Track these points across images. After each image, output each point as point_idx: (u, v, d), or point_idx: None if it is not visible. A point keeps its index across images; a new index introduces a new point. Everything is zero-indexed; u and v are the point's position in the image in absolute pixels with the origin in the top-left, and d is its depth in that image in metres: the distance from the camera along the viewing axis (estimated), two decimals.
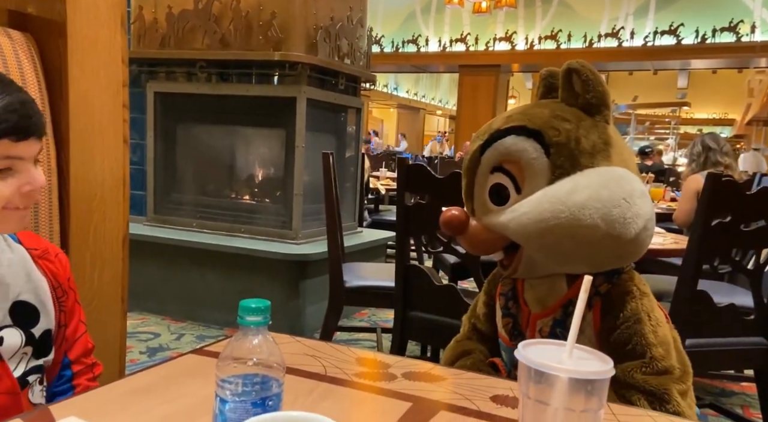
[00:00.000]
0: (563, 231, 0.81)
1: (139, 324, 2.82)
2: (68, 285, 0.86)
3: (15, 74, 0.97)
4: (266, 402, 0.54)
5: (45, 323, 0.81)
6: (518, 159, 0.85)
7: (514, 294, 0.96)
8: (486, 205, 0.89)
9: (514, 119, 0.88)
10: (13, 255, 0.81)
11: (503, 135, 0.87)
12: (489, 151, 0.88)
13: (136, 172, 3.19)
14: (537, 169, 0.84)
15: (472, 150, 0.92)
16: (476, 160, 0.90)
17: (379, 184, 5.42)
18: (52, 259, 0.86)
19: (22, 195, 0.72)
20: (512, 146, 0.85)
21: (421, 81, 16.34)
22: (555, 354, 0.48)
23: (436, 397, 0.73)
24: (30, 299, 0.80)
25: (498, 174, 0.87)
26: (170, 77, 3.16)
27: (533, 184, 0.84)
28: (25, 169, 0.72)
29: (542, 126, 0.85)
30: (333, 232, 2.13)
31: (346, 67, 3.15)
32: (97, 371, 0.89)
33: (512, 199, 0.86)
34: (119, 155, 1.17)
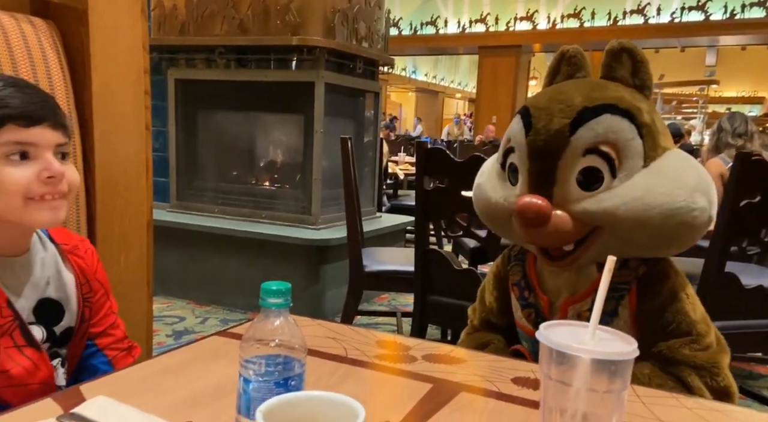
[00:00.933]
0: (675, 216, 0.78)
1: (165, 308, 2.88)
2: (96, 280, 0.88)
3: (39, 62, 0.99)
4: (289, 382, 0.55)
5: (68, 320, 0.83)
6: (616, 140, 0.79)
7: (528, 283, 0.94)
8: (573, 191, 0.81)
9: (597, 96, 0.82)
10: (46, 254, 0.82)
11: (595, 114, 0.80)
12: (583, 131, 0.80)
13: (159, 159, 3.23)
14: (633, 150, 0.79)
15: (550, 129, 0.82)
16: (563, 141, 0.81)
17: (398, 168, 5.41)
18: (81, 255, 0.87)
19: (41, 182, 0.73)
20: (611, 125, 0.79)
21: (440, 63, 16.16)
22: (577, 335, 0.48)
23: (457, 379, 0.74)
24: (56, 296, 0.82)
25: (592, 156, 0.80)
26: (190, 64, 3.18)
27: (630, 166, 0.80)
28: (41, 156, 0.73)
29: (629, 105, 0.81)
30: (352, 217, 2.14)
31: (364, 50, 3.13)
32: (135, 354, 0.91)
33: (605, 183, 0.80)
34: (142, 142, 1.18)
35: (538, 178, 0.84)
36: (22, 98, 0.73)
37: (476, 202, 0.98)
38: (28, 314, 0.78)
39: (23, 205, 0.72)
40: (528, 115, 0.86)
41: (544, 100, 0.87)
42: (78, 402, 0.61)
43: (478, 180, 0.98)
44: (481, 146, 6.09)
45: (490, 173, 0.96)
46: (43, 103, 0.75)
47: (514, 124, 0.89)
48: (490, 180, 0.95)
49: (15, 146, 0.72)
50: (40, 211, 0.74)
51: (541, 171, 0.83)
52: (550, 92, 0.89)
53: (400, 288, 2.29)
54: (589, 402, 0.45)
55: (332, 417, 0.44)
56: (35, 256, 0.81)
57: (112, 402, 0.61)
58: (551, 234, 0.82)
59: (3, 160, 0.71)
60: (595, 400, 0.45)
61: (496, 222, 0.96)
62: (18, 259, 0.79)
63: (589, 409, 0.46)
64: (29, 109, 0.72)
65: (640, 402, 0.69)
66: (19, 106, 0.72)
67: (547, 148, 0.82)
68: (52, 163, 0.74)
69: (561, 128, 0.81)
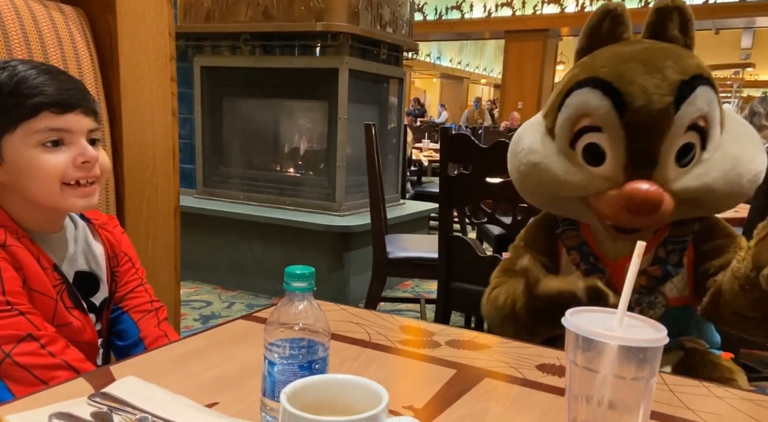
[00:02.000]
0: (757, 179, 0.80)
1: (193, 293, 2.94)
2: (121, 252, 0.91)
3: (68, 48, 1.00)
4: (313, 366, 0.56)
5: (103, 291, 0.86)
6: (708, 113, 0.78)
7: (590, 248, 0.91)
8: (672, 169, 0.79)
9: (685, 68, 0.78)
10: (77, 232, 0.86)
11: (692, 87, 0.77)
12: (686, 107, 0.76)
13: (185, 145, 3.27)
14: (716, 120, 0.80)
15: (652, 108, 0.77)
16: (668, 120, 0.77)
17: (422, 155, 5.38)
18: (110, 230, 0.90)
19: (76, 167, 0.75)
20: (706, 99, 0.78)
21: (465, 49, 15.95)
22: (604, 321, 0.47)
23: (481, 365, 0.74)
24: (89, 268, 0.86)
25: (691, 133, 0.78)
26: (216, 51, 3.20)
27: (715, 136, 0.80)
28: (75, 142, 0.75)
29: (708, 73, 0.80)
30: (376, 204, 2.14)
31: (388, 36, 3.10)
32: (162, 314, 0.93)
33: (696, 157, 0.79)
34: (168, 128, 1.20)
35: (638, 159, 0.79)
36: (56, 85, 0.74)
37: (532, 181, 0.90)
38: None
39: (60, 190, 0.75)
40: (615, 91, 0.79)
41: (626, 71, 0.79)
42: (108, 381, 0.63)
43: (531, 158, 0.89)
44: (507, 132, 6.01)
45: (549, 151, 0.87)
46: (76, 89, 0.77)
47: (591, 101, 0.80)
48: (554, 160, 0.86)
49: (50, 133, 0.74)
50: (75, 197, 0.76)
51: (643, 152, 0.78)
52: (626, 61, 0.81)
53: (423, 274, 2.29)
54: (616, 389, 0.44)
55: (356, 400, 0.44)
56: (68, 233, 0.84)
57: (141, 383, 0.62)
58: (656, 219, 0.80)
59: (38, 147, 0.74)
60: (622, 387, 0.44)
61: (556, 201, 0.90)
62: (53, 236, 0.82)
63: (615, 396, 0.45)
64: (63, 96, 0.74)
65: (668, 390, 0.67)
66: (54, 93, 0.73)
67: (650, 129, 0.77)
68: (86, 149, 0.76)
69: (665, 106, 0.76)
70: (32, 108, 0.72)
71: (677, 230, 0.89)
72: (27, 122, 0.73)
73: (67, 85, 0.76)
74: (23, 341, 0.71)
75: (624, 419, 0.46)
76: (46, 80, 0.74)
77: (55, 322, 0.75)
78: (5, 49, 0.92)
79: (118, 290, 0.90)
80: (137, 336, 0.89)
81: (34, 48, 0.95)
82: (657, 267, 0.89)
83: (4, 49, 0.91)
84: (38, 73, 0.75)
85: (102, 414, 0.55)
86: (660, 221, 0.83)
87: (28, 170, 0.74)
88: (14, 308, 0.71)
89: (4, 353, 0.70)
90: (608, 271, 0.91)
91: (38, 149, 0.73)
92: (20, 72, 0.74)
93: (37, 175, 0.74)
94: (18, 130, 0.73)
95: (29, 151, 0.73)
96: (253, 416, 0.57)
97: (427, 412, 0.61)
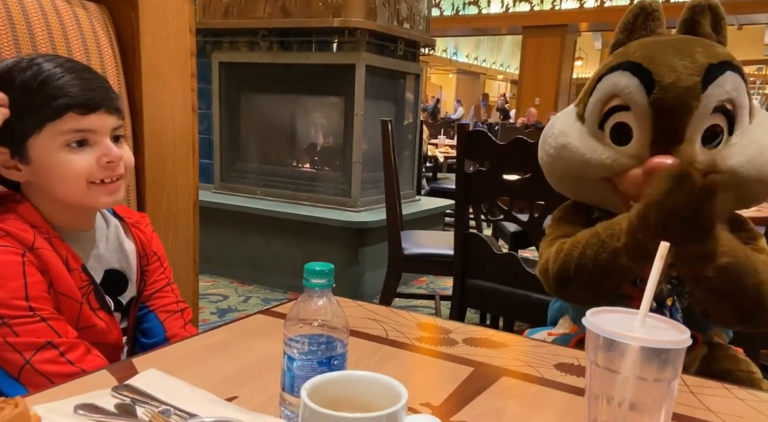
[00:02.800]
0: None
1: (210, 286, 2.97)
2: (151, 251, 0.92)
3: (92, 45, 1.02)
4: (332, 362, 0.56)
5: (131, 290, 0.87)
6: (737, 98, 0.80)
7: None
8: (699, 150, 0.81)
9: (716, 53, 0.81)
10: (109, 231, 0.87)
11: (720, 71, 0.79)
12: (713, 89, 0.78)
13: (203, 141, 3.30)
14: (746, 107, 0.81)
15: (680, 86, 0.79)
16: (695, 99, 0.79)
17: (437, 151, 5.36)
18: (142, 229, 0.91)
19: (101, 167, 0.76)
20: (734, 83, 0.80)
21: (482, 44, 15.85)
22: (625, 322, 0.46)
23: (499, 363, 0.73)
24: (119, 267, 0.87)
25: (717, 115, 0.80)
26: (234, 47, 3.22)
27: (743, 123, 0.81)
28: (100, 141, 0.76)
29: (738, 62, 0.82)
30: (391, 200, 2.14)
31: (405, 31, 3.10)
32: (187, 316, 0.94)
33: (724, 140, 0.81)
34: (188, 123, 1.21)
35: (664, 137, 0.81)
36: (80, 85, 0.75)
37: (562, 163, 0.92)
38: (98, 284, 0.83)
39: (86, 189, 0.76)
40: (644, 70, 0.81)
41: (657, 54, 0.82)
42: (131, 374, 0.64)
43: (561, 140, 0.91)
44: (523, 129, 5.96)
45: (579, 133, 0.89)
46: (100, 88, 0.77)
47: (621, 81, 0.83)
48: (582, 141, 0.88)
49: (75, 134, 0.75)
50: (101, 195, 0.78)
51: (669, 129, 0.80)
52: (656, 47, 0.84)
53: (438, 271, 2.29)
54: (637, 390, 0.44)
55: (375, 397, 0.44)
56: (99, 231, 0.85)
57: (163, 376, 0.63)
58: None
59: (64, 148, 0.75)
60: (643, 389, 0.44)
61: (583, 184, 0.91)
62: (83, 234, 0.83)
63: (637, 398, 0.44)
64: (87, 96, 0.75)
65: (689, 392, 0.67)
66: (78, 94, 0.74)
67: (677, 106, 0.79)
68: (110, 149, 0.77)
69: (693, 85, 0.78)
70: (57, 110, 0.73)
71: None
72: (52, 123, 0.74)
73: (91, 84, 0.77)
74: (43, 349, 0.72)
75: (645, 420, 0.45)
76: (70, 80, 0.74)
77: (80, 325, 0.76)
78: (31, 46, 0.93)
79: (146, 288, 0.91)
80: (163, 336, 0.90)
81: (58, 45, 0.96)
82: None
83: (30, 45, 0.93)
84: (63, 71, 0.75)
85: (126, 405, 0.56)
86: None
87: (55, 171, 0.75)
88: (36, 314, 0.72)
89: (25, 360, 0.71)
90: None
91: (64, 150, 0.75)
92: (45, 71, 0.74)
93: (63, 175, 0.75)
94: (44, 131, 0.74)
95: (55, 152, 0.75)
96: (273, 410, 0.58)
97: (444, 410, 0.61)
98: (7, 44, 0.90)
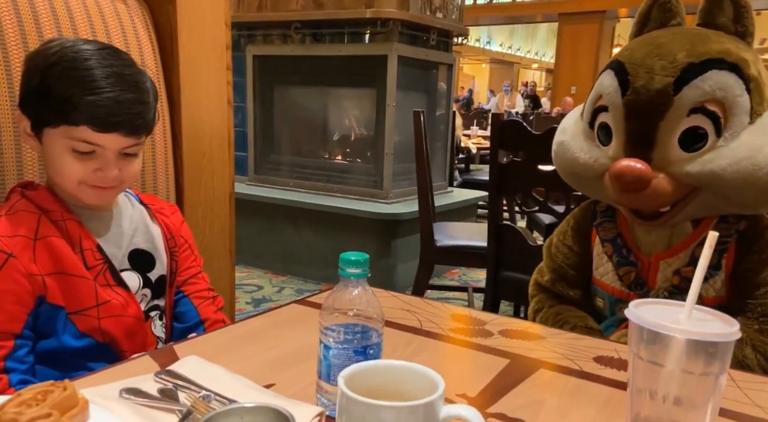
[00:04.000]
0: None
1: (245, 277, 3.02)
2: (180, 236, 0.94)
3: (132, 39, 1.04)
4: (367, 351, 0.56)
5: (159, 269, 0.90)
6: (723, 97, 0.75)
7: (624, 241, 0.91)
8: (675, 151, 0.78)
9: (702, 51, 0.77)
10: (134, 211, 0.90)
11: (701, 70, 0.75)
12: (688, 90, 0.75)
13: (238, 133, 3.35)
14: (741, 107, 0.76)
15: (651, 88, 0.78)
16: (666, 101, 0.76)
17: (470, 142, 5.31)
18: (167, 214, 0.94)
19: (94, 176, 0.79)
20: (719, 82, 0.75)
21: (516, 33, 15.56)
22: (670, 314, 0.45)
23: (535, 355, 0.72)
24: (146, 247, 0.89)
25: (697, 116, 0.76)
26: (267, 40, 3.25)
27: (737, 124, 0.76)
28: (105, 157, 0.78)
29: (737, 59, 0.77)
30: (423, 192, 2.13)
31: (437, 21, 3.06)
32: (219, 303, 0.97)
33: (710, 143, 0.76)
34: (224, 116, 1.23)
35: (637, 140, 0.80)
36: (109, 107, 0.75)
37: (559, 160, 0.95)
38: (121, 260, 0.86)
39: (77, 187, 0.79)
40: (623, 71, 0.81)
41: (641, 54, 0.81)
42: (172, 360, 0.66)
43: (560, 137, 0.95)
44: (559, 118, 5.84)
45: (575, 131, 0.92)
46: (127, 113, 0.77)
47: (605, 81, 0.84)
48: (575, 139, 0.91)
49: (85, 145, 0.77)
50: (91, 195, 0.81)
51: (640, 132, 0.79)
52: (646, 45, 0.82)
53: (471, 263, 2.27)
54: (683, 384, 0.42)
55: (412, 386, 0.44)
56: (123, 212, 0.88)
57: (203, 362, 0.64)
58: (649, 198, 0.79)
59: (70, 150, 0.77)
60: (689, 383, 0.42)
61: (581, 181, 0.93)
62: (104, 214, 0.86)
63: (682, 392, 0.43)
64: (110, 119, 0.76)
65: (735, 387, 0.64)
66: (101, 115, 0.75)
67: (647, 109, 0.78)
68: (109, 168, 0.78)
69: (664, 87, 0.76)
70: (76, 120, 0.76)
71: (719, 227, 0.84)
72: (67, 127, 0.76)
73: (121, 107, 0.76)
74: None
75: (690, 416, 0.44)
76: (103, 96, 0.75)
77: (99, 300, 0.79)
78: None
79: (180, 274, 0.93)
80: (197, 319, 0.92)
81: (100, 39, 0.99)
82: (692, 269, 0.84)
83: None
84: (104, 85, 0.75)
85: (168, 390, 0.58)
86: (659, 202, 0.81)
87: (55, 164, 0.79)
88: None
89: None
90: (640, 266, 0.89)
91: (69, 152, 0.77)
92: (87, 78, 0.75)
93: (60, 171, 0.79)
94: (59, 129, 0.77)
95: (61, 151, 0.78)
96: (309, 398, 0.59)
97: (480, 401, 0.60)
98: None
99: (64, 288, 0.78)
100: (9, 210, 0.79)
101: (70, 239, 0.80)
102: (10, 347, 0.74)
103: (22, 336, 0.75)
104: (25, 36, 0.91)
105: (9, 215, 0.78)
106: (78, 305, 0.79)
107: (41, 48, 0.80)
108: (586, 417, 0.57)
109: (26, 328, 0.76)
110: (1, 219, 0.77)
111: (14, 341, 0.75)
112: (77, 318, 0.79)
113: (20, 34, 0.91)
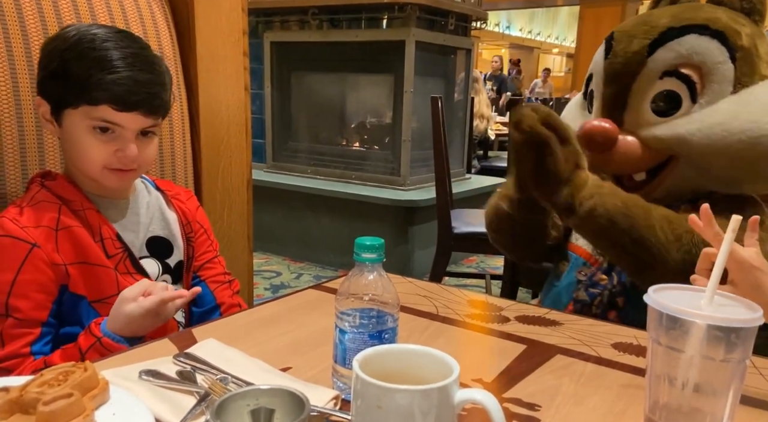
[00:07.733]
0: (760, 144, 0.73)
1: (263, 263, 3.05)
2: (196, 222, 0.95)
3: (149, 26, 1.04)
4: (383, 335, 0.56)
5: (177, 255, 0.91)
6: (701, 62, 0.74)
7: None
8: (646, 115, 0.78)
9: (687, 17, 0.76)
10: (150, 198, 0.91)
11: (680, 34, 0.75)
12: (662, 52, 0.75)
13: (255, 120, 3.36)
14: (722, 75, 0.74)
15: (628, 50, 0.78)
16: (639, 63, 0.77)
17: (489, 130, 5.25)
18: (183, 200, 0.95)
19: (115, 158, 0.80)
20: (697, 46, 0.74)
21: (536, 17, 15.29)
22: (691, 299, 0.44)
23: (552, 341, 0.72)
24: (163, 234, 0.90)
25: (670, 79, 0.76)
26: (284, 26, 3.24)
27: (715, 92, 0.75)
28: (124, 136, 0.79)
29: (725, 27, 0.75)
30: (441, 179, 2.12)
31: (456, 5, 3.02)
32: (235, 286, 0.98)
33: (684, 108, 0.76)
34: (241, 103, 1.23)
35: (611, 103, 0.82)
36: (129, 86, 0.76)
37: None
38: (140, 248, 0.87)
39: (100, 171, 0.81)
40: (611, 38, 0.83)
41: (631, 23, 0.83)
42: (191, 343, 0.66)
43: (565, 109, 1.00)
44: None
45: (574, 105, 0.96)
46: (147, 93, 0.78)
47: (599, 51, 0.87)
48: (570, 111, 0.95)
49: (104, 123, 0.78)
50: (112, 179, 0.82)
51: (614, 95, 0.81)
52: (641, 16, 0.85)
53: (489, 250, 2.25)
54: (703, 370, 0.41)
55: (427, 370, 0.44)
56: (140, 200, 0.89)
57: (221, 345, 0.65)
58: (619, 160, 0.80)
59: (91, 129, 0.78)
60: (710, 369, 0.41)
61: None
62: (122, 202, 0.87)
63: (702, 379, 0.42)
64: (130, 98, 0.77)
65: (757, 374, 0.63)
66: (121, 93, 0.76)
67: (622, 71, 0.79)
68: (128, 147, 0.79)
69: (639, 49, 0.77)
70: (96, 99, 0.76)
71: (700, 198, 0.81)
72: (88, 107, 0.77)
73: (141, 86, 0.77)
74: None
75: (710, 403, 0.43)
76: (122, 75, 0.76)
77: (120, 289, 0.80)
78: None
79: (196, 259, 0.94)
80: (214, 303, 0.93)
81: (119, 26, 0.99)
82: None
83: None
84: (122, 65, 0.76)
85: (186, 373, 0.59)
86: (630, 166, 0.81)
87: (78, 147, 0.80)
88: (9, 315, 0.74)
89: None
90: None
91: (90, 132, 0.78)
92: (106, 58, 0.76)
93: (83, 154, 0.80)
94: (79, 109, 0.78)
95: (82, 131, 0.79)
96: (325, 381, 0.59)
97: (496, 386, 0.60)
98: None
99: (86, 278, 0.79)
100: (30, 200, 0.80)
101: (90, 228, 0.81)
102: (36, 334, 0.76)
103: (47, 324, 0.77)
104: (45, 24, 0.92)
105: (31, 206, 0.79)
106: (99, 294, 0.80)
107: (59, 33, 0.81)
108: (603, 404, 0.57)
109: (51, 316, 0.78)
110: (24, 210, 0.79)
111: (41, 328, 0.77)
112: (99, 306, 0.80)
113: (41, 22, 0.92)
